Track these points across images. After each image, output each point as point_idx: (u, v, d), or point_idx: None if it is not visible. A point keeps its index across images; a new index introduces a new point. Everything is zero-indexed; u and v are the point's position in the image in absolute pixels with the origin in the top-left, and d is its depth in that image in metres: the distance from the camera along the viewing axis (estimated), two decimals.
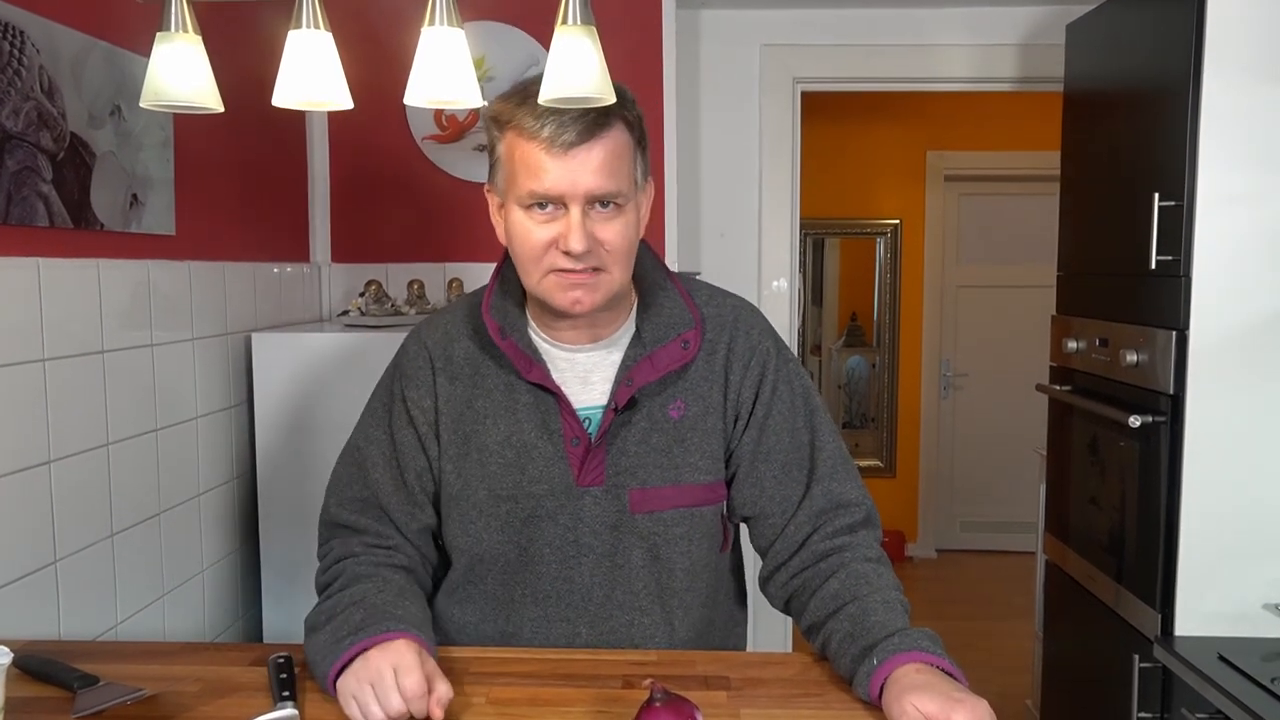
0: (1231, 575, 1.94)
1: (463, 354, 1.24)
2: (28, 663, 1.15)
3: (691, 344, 1.22)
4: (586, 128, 1.09)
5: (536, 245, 1.13)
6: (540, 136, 1.09)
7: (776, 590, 1.27)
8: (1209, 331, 1.91)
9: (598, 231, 1.12)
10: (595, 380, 1.23)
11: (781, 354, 1.28)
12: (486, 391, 1.23)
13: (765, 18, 2.93)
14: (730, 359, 1.25)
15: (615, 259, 1.15)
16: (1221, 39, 1.86)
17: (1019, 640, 3.56)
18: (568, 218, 1.11)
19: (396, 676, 1.00)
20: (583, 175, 1.10)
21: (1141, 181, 2.06)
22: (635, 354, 1.22)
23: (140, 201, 1.72)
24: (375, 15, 2.33)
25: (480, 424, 1.22)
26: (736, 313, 1.28)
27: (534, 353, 1.21)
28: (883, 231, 5.05)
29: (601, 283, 1.15)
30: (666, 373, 1.21)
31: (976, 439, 5.05)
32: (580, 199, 1.11)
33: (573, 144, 1.09)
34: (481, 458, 1.22)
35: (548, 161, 1.10)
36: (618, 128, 1.13)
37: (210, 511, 1.96)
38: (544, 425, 1.21)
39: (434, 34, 1.11)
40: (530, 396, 1.21)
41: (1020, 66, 2.91)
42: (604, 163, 1.11)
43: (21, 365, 1.41)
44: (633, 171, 1.16)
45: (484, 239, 2.50)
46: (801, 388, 1.28)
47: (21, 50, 1.41)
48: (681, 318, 1.23)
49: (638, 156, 1.17)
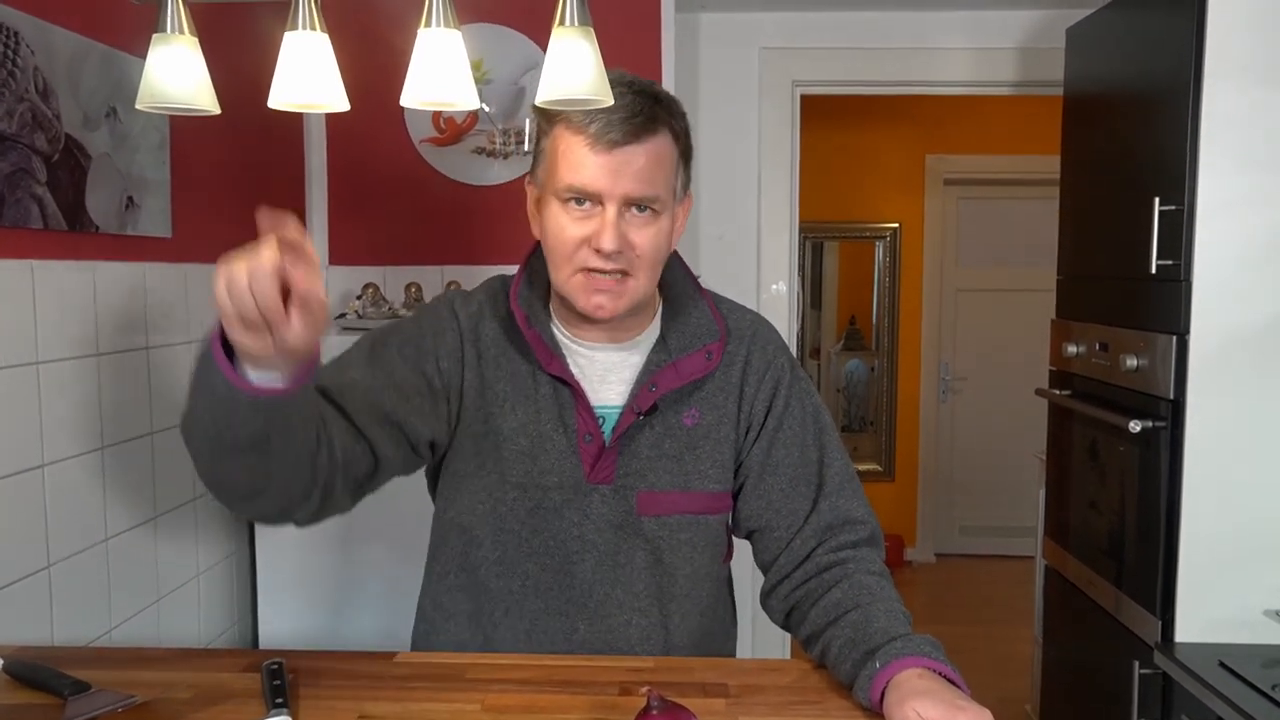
0: (1232, 581, 1.93)
1: (490, 335, 1.24)
2: (17, 669, 1.14)
3: (715, 355, 1.23)
4: (633, 129, 1.10)
5: (569, 241, 1.13)
6: (587, 132, 1.10)
7: (777, 603, 1.26)
8: (1209, 336, 1.90)
9: (631, 234, 1.13)
10: (613, 380, 1.24)
11: (795, 371, 1.30)
12: (508, 376, 1.22)
13: (764, 21, 2.93)
14: (746, 371, 1.26)
15: (643, 265, 1.15)
16: (1222, 42, 1.86)
17: (1018, 645, 3.55)
18: (603, 216, 1.12)
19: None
20: (623, 176, 1.11)
21: (1142, 185, 2.06)
22: (660, 360, 1.22)
23: (136, 204, 1.71)
24: (372, 17, 2.32)
25: (499, 407, 1.22)
26: (755, 327, 1.30)
27: (555, 346, 1.21)
28: (882, 235, 5.05)
29: (627, 289, 1.15)
30: (688, 381, 1.22)
31: (976, 443, 5.05)
32: (618, 199, 1.11)
33: (617, 143, 1.10)
34: (496, 441, 1.21)
35: (590, 157, 1.10)
36: (664, 135, 1.14)
37: (205, 516, 1.95)
38: (559, 418, 1.21)
39: (431, 35, 1.10)
40: (549, 388, 1.21)
41: (1020, 70, 2.91)
42: (645, 166, 1.12)
43: (15, 368, 1.40)
44: (672, 181, 1.17)
45: (482, 242, 2.49)
46: (813, 406, 1.29)
47: (16, 51, 1.40)
48: (709, 329, 1.25)
49: (680, 167, 1.18)
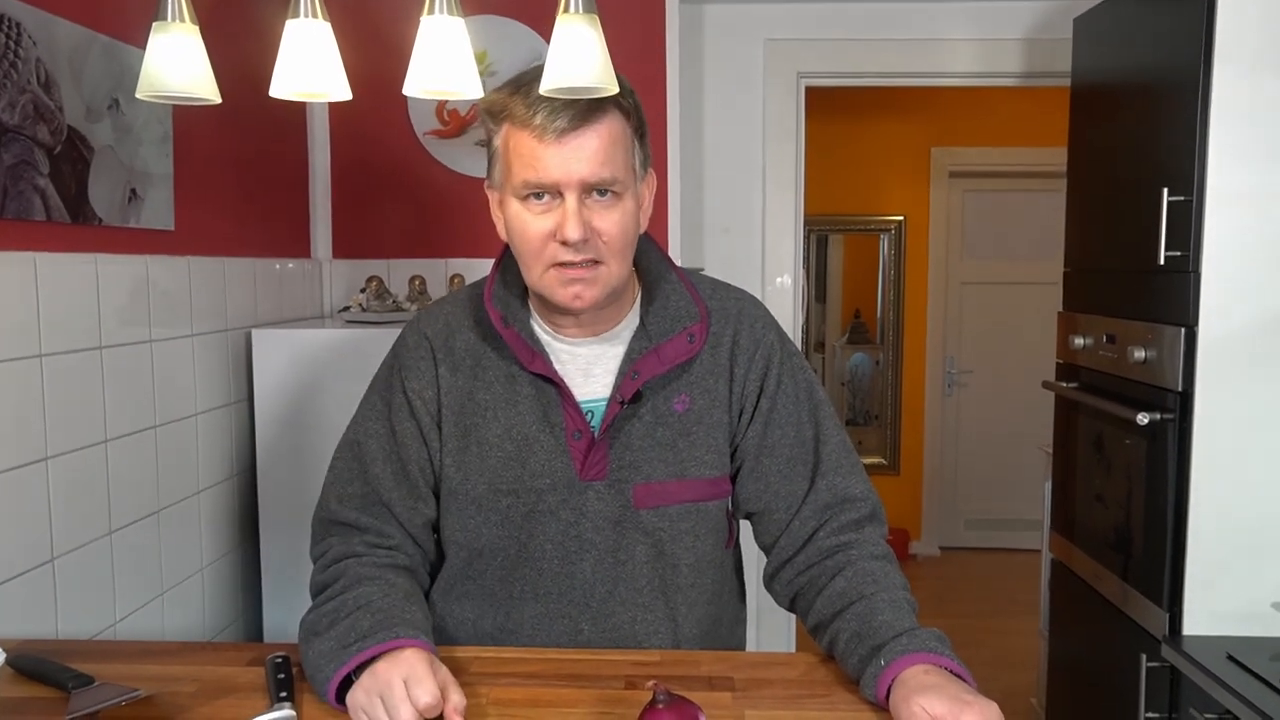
0: (1240, 574, 1.92)
1: (464, 345, 1.23)
2: (22, 662, 1.14)
3: (697, 337, 1.21)
4: (579, 114, 1.08)
5: (535, 238, 1.12)
6: (533, 124, 1.08)
7: (781, 588, 1.25)
8: (1218, 328, 1.89)
9: (595, 221, 1.11)
10: (597, 373, 1.22)
11: (785, 347, 1.27)
12: (487, 384, 1.21)
13: (769, 12, 2.92)
14: (735, 352, 1.24)
15: (613, 251, 1.13)
16: (1232, 32, 1.84)
17: (1024, 638, 3.54)
18: (564, 206, 1.10)
19: (407, 688, 0.96)
20: (577, 162, 1.08)
21: (1150, 176, 2.04)
22: (640, 346, 1.20)
23: (139, 196, 1.70)
24: (375, 5, 2.32)
25: (481, 416, 1.20)
26: (740, 305, 1.27)
27: (536, 344, 1.19)
28: (887, 228, 5.03)
29: (600, 276, 1.13)
30: (672, 366, 1.20)
31: (981, 436, 5.03)
32: (575, 187, 1.09)
33: (565, 130, 1.08)
34: (481, 451, 1.20)
35: (541, 149, 1.08)
36: (612, 114, 1.11)
37: (210, 509, 1.95)
38: (545, 417, 1.19)
39: (433, 23, 1.10)
40: (531, 388, 1.20)
41: (1026, 61, 2.89)
42: (599, 149, 1.09)
43: (18, 361, 1.39)
44: (630, 159, 1.14)
45: (485, 234, 2.47)
46: (805, 381, 1.27)
47: (18, 42, 1.39)
48: (687, 311, 1.22)
49: (635, 144, 1.15)
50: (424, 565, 1.26)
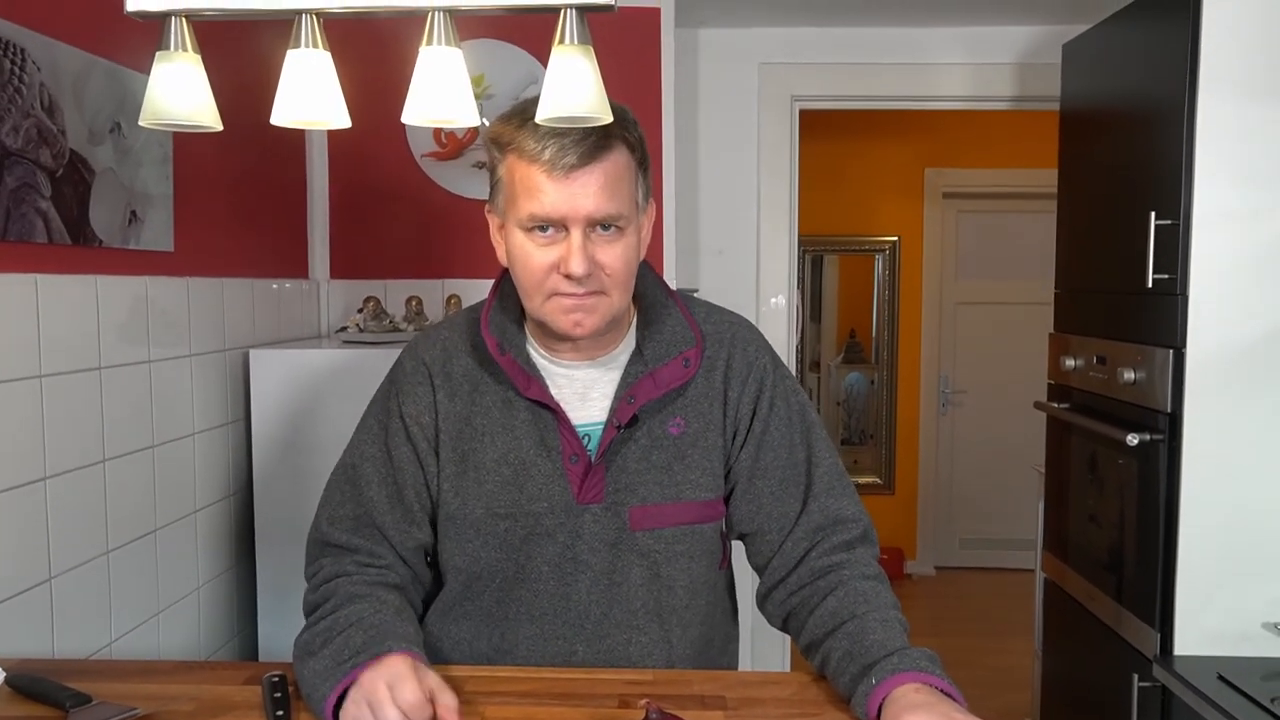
0: (1231, 594, 1.93)
1: (461, 370, 1.24)
2: (20, 681, 1.14)
3: (692, 362, 1.22)
4: (588, 150, 1.09)
5: (537, 269, 1.13)
6: (541, 159, 1.09)
7: (774, 608, 1.26)
8: (1206, 349, 1.91)
9: (599, 255, 1.12)
10: (594, 397, 1.23)
11: (778, 370, 1.29)
12: (484, 409, 1.22)
13: (763, 36, 2.95)
14: (729, 376, 1.25)
15: (615, 283, 1.15)
16: (1216, 57, 1.87)
17: (1018, 658, 3.54)
18: (568, 241, 1.11)
19: (390, 690, 0.98)
20: (583, 199, 1.10)
21: (1138, 199, 2.07)
22: (636, 371, 1.21)
23: (139, 218, 1.72)
24: (374, 34, 2.34)
25: (478, 441, 1.21)
26: (734, 330, 1.28)
27: (532, 369, 1.21)
28: (881, 248, 5.06)
29: (601, 306, 1.15)
30: (667, 390, 1.21)
31: (975, 456, 5.05)
32: (581, 222, 1.11)
33: (574, 167, 1.09)
34: (479, 475, 1.21)
35: (548, 184, 1.10)
36: (619, 150, 1.13)
37: (206, 528, 1.96)
38: (542, 442, 1.20)
39: (432, 53, 1.11)
40: (528, 413, 1.21)
41: (1017, 85, 2.93)
42: (605, 185, 1.10)
43: (18, 381, 1.41)
44: (634, 193, 1.16)
45: (483, 256, 2.49)
46: (798, 404, 1.28)
47: (22, 68, 1.41)
48: (683, 336, 1.23)
49: (639, 178, 1.17)
50: (415, 586, 1.27)
